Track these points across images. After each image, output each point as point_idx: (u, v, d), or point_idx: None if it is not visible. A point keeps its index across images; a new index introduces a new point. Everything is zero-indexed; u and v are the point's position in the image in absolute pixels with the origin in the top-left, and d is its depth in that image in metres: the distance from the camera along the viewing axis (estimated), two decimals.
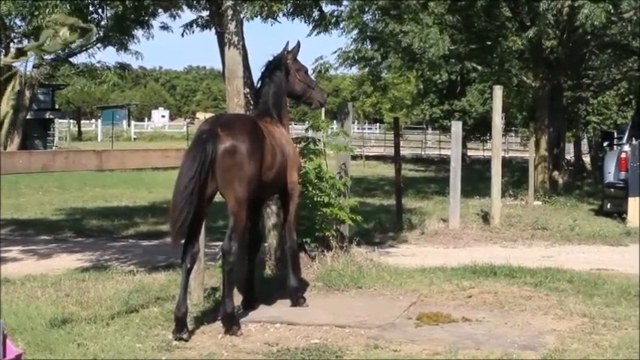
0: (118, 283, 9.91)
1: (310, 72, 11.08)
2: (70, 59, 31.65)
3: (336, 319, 8.06)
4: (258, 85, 8.86)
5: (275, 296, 8.86)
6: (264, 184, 7.89)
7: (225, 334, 7.43)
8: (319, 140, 10.46)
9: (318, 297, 9.16)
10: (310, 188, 10.11)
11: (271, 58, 8.78)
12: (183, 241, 7.47)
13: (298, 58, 8.90)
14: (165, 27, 18.97)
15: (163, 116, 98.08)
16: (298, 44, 8.86)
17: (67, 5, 11.19)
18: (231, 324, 7.48)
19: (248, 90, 9.56)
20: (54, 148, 46.63)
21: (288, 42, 8.83)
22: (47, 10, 11.70)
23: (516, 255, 12.42)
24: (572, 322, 8.10)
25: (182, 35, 11.36)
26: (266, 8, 9.20)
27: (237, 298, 8.24)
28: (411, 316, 8.20)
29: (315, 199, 10.08)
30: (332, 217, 10.28)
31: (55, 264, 11.83)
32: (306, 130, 10.83)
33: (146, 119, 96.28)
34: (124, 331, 7.43)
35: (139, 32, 22.72)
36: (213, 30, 10.26)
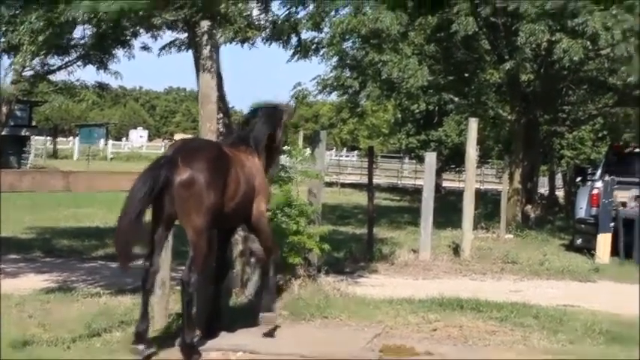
0: (83, 306, 9.83)
1: (289, 98, 11.17)
2: (49, 76, 31.47)
3: (299, 349, 8.02)
4: (248, 115, 8.98)
5: (239, 324, 8.82)
6: (228, 214, 7.80)
7: None
8: (290, 167, 10.47)
9: (284, 326, 9.11)
10: (280, 215, 10.10)
11: (274, 103, 9.03)
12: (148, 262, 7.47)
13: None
14: (145, 47, 18.91)
15: (142, 136, 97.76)
16: (296, 107, 9.07)
17: (42, 23, 11.12)
18: (191, 354, 7.46)
19: (222, 115, 9.55)
20: (28, 165, 46.35)
21: (290, 101, 9.04)
22: (22, 28, 11.64)
23: (485, 288, 12.43)
24: (535, 358, 8.10)
25: (158, 55, 11.35)
26: (240, 34, 9.18)
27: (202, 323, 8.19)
28: (375, 348, 8.18)
29: (284, 226, 10.05)
30: (300, 245, 10.25)
31: (22, 284, 11.71)
32: None
33: (124, 139, 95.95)
34: (85, 355, 7.37)
35: (119, 52, 22.64)
36: (191, 52, 10.25)
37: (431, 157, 16.94)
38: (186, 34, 10.62)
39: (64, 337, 7.95)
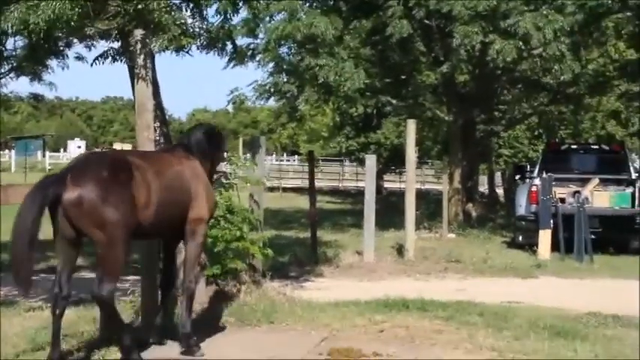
0: (25, 320, 9.67)
1: (226, 103, 11.15)
2: None
3: (246, 354, 7.99)
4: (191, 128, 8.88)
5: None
6: (148, 223, 7.38)
7: None
8: (230, 174, 10.43)
9: (230, 332, 9.07)
10: (222, 222, 10.06)
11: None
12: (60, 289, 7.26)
13: None
14: (80, 57, 18.71)
15: (79, 147, 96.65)
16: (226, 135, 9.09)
17: None
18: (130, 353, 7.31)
19: (159, 124, 9.48)
20: None
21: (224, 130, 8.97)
22: None
23: (429, 288, 12.50)
24: (482, 356, 8.16)
25: (91, 65, 11.22)
26: (174, 42, 9.11)
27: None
28: (322, 351, 8.17)
29: (227, 232, 10.01)
30: (243, 251, 10.22)
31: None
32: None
33: (62, 150, 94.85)
34: None
35: (53, 62, 22.36)
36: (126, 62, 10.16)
37: (371, 160, 17.02)
38: (119, 44, 10.52)
39: (7, 352, 7.81)
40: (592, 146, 23.68)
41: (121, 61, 10.53)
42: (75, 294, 11.47)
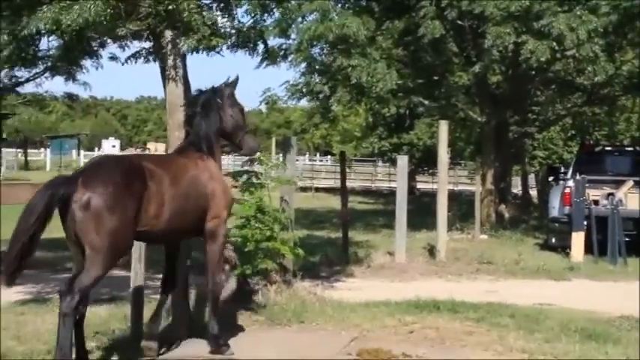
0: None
1: (258, 104, 11.07)
2: (17, 89, 31.25)
3: (276, 354, 8.02)
4: (188, 112, 8.49)
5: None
6: (156, 232, 7.28)
7: None
8: (261, 174, 10.45)
9: (260, 332, 9.11)
10: (253, 222, 10.08)
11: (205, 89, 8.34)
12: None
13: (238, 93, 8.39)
14: (114, 57, 18.83)
15: (114, 146, 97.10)
16: (237, 79, 8.37)
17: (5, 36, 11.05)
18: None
19: None
20: (0, 177, 45.95)
21: (229, 77, 8.42)
22: None
23: (461, 289, 12.47)
24: (512, 357, 8.13)
25: (122, 64, 11.31)
26: (204, 42, 9.13)
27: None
28: (351, 351, 8.17)
29: (257, 232, 10.03)
30: (274, 251, 10.24)
31: (3, 296, 11.60)
32: (246, 162, 10.78)
33: (96, 149, 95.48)
34: None
35: (87, 62, 22.53)
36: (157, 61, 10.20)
37: (403, 161, 16.99)
38: (152, 44, 10.57)
39: (39, 349, 7.89)
40: (626, 148, 23.48)
41: (154, 61, 10.59)
42: (107, 292, 11.67)
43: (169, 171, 7.45)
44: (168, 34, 8.86)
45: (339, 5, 22.65)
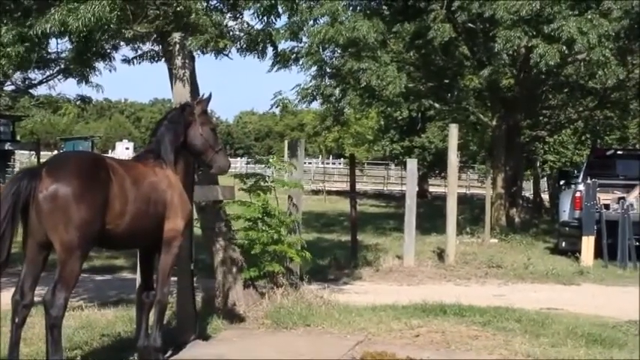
0: (65, 319, 9.64)
1: (269, 107, 11.04)
2: (30, 91, 31.39)
3: (280, 357, 8.03)
4: (155, 127, 8.13)
5: (221, 332, 8.82)
6: (120, 233, 6.99)
7: None
8: (268, 177, 10.47)
9: (266, 335, 9.13)
10: (259, 224, 10.10)
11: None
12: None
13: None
14: (126, 60, 18.86)
15: (127, 148, 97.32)
16: (209, 96, 8.02)
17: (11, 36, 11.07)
18: None
19: None
20: None
21: (204, 94, 8.10)
22: None
23: (469, 293, 12.47)
24: None
25: (128, 64, 11.36)
26: (212, 43, 9.16)
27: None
28: (356, 355, 8.18)
29: (264, 235, 10.04)
30: (280, 253, 10.25)
31: (3, 298, 11.63)
32: (251, 162, 10.80)
33: (110, 151, 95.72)
34: None
35: (100, 64, 22.55)
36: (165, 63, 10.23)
37: (412, 164, 17.03)
38: (159, 46, 10.61)
39: (44, 351, 7.90)
40: (638, 152, 23.40)
41: (161, 60, 10.62)
42: (115, 294, 11.72)
43: (130, 173, 7.19)
44: (176, 35, 8.89)
45: (350, 9, 22.64)
